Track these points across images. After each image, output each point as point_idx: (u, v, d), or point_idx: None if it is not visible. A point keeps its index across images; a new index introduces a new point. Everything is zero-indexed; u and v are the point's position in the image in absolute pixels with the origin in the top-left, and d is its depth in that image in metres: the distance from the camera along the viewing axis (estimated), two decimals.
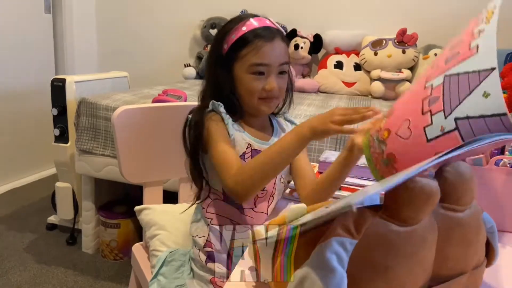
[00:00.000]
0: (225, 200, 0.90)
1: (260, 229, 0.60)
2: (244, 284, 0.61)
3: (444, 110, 0.54)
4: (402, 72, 2.34)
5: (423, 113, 0.56)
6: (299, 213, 0.53)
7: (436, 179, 0.46)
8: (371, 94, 2.42)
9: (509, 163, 0.78)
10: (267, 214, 0.91)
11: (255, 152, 0.88)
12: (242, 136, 0.88)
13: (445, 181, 0.46)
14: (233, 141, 0.85)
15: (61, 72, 2.95)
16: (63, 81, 1.80)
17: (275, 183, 0.91)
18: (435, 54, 2.38)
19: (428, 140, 0.56)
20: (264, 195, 0.90)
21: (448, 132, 0.54)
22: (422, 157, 0.55)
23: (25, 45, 2.63)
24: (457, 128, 0.53)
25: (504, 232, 0.80)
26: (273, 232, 0.55)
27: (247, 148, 0.87)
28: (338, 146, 1.41)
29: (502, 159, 0.79)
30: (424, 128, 0.56)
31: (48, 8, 2.80)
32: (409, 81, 2.37)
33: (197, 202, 0.95)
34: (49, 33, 2.84)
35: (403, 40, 2.37)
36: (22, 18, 2.60)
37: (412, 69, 2.41)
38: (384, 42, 2.42)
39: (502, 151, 0.83)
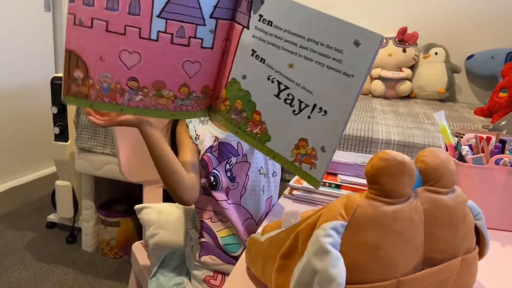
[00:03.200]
0: (204, 192, 0.93)
1: (255, 235, 0.62)
2: (244, 282, 0.61)
3: None
4: (402, 71, 2.34)
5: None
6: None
7: (416, 165, 0.50)
8: (371, 93, 2.42)
9: (509, 162, 0.78)
10: (239, 204, 0.92)
11: (221, 144, 0.90)
12: (209, 130, 0.91)
13: (424, 163, 0.50)
14: (198, 140, 0.90)
15: (61, 71, 2.94)
16: None
17: (247, 174, 0.91)
18: (436, 53, 2.38)
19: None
20: (236, 187, 0.91)
21: None
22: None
23: (25, 43, 2.62)
24: None
25: (504, 231, 0.80)
26: (269, 235, 0.56)
27: (214, 141, 0.90)
28: (340, 146, 1.41)
29: (502, 158, 0.79)
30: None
31: (48, 6, 2.80)
32: (410, 80, 2.37)
33: None
34: (49, 31, 2.83)
35: (404, 39, 2.37)
36: (21, 17, 2.59)
37: (412, 68, 2.40)
38: (384, 40, 2.42)
39: (502, 150, 0.83)
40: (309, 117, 0.65)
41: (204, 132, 0.91)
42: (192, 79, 0.72)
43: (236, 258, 0.91)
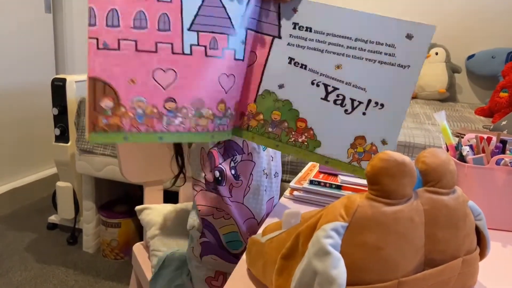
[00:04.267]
0: (207, 188, 0.92)
1: (256, 236, 0.62)
2: (244, 284, 0.61)
3: None
4: None
5: None
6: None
7: (416, 166, 0.50)
8: None
9: (510, 162, 0.78)
10: (242, 203, 0.92)
11: (227, 141, 0.90)
12: None
13: (424, 164, 0.50)
14: None
15: (62, 72, 2.95)
16: (63, 80, 1.80)
17: (251, 173, 0.92)
18: (436, 53, 2.38)
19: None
20: (240, 185, 0.91)
21: None
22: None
23: (25, 44, 2.63)
24: None
25: (505, 232, 0.80)
26: (269, 236, 0.56)
27: None
28: None
29: (503, 159, 0.79)
30: None
31: (49, 7, 2.80)
32: None
33: (172, 185, 1.08)
34: (49, 33, 2.84)
35: None
36: (22, 18, 2.60)
37: None
38: None
39: (503, 150, 0.83)
40: (364, 113, 0.68)
41: None
42: (227, 94, 0.70)
43: (238, 256, 0.91)
